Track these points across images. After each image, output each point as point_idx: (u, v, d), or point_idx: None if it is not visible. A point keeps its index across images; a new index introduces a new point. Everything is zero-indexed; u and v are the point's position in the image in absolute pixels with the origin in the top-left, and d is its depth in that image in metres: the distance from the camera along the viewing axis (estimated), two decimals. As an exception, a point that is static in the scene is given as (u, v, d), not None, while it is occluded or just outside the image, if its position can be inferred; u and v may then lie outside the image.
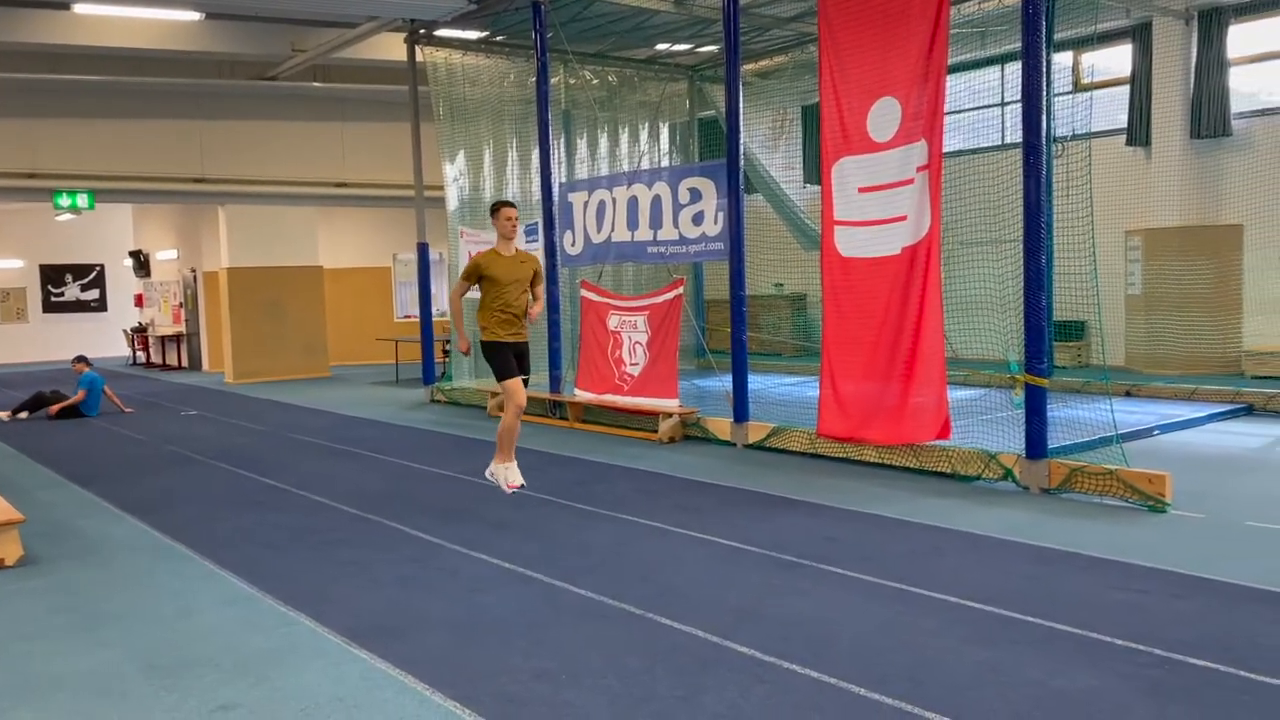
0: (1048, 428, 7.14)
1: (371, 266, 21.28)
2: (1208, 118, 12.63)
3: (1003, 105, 14.06)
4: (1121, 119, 13.58)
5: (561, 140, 14.68)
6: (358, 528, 6.72)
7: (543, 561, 5.72)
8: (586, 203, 11.61)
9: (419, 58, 13.67)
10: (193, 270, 20.75)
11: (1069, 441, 7.70)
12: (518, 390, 7.30)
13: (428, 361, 14.36)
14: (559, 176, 12.31)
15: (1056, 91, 12.11)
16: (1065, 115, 12.43)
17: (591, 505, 7.16)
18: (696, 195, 10.14)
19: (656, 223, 10.62)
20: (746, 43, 13.34)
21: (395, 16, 12.78)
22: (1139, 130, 13.32)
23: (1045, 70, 7.16)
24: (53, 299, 26.02)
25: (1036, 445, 7.12)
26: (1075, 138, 10.84)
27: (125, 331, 24.49)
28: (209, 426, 12.22)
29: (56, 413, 13.14)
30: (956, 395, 8.90)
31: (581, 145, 15.49)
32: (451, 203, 14.09)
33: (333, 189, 18.10)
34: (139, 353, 23.55)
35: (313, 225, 18.93)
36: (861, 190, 8.13)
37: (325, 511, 7.25)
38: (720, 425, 9.67)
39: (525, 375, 7.49)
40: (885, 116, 7.92)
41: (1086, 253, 8.03)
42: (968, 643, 4.28)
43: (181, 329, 21.57)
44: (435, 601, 5.08)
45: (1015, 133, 12.22)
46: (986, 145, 13.36)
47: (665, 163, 16.02)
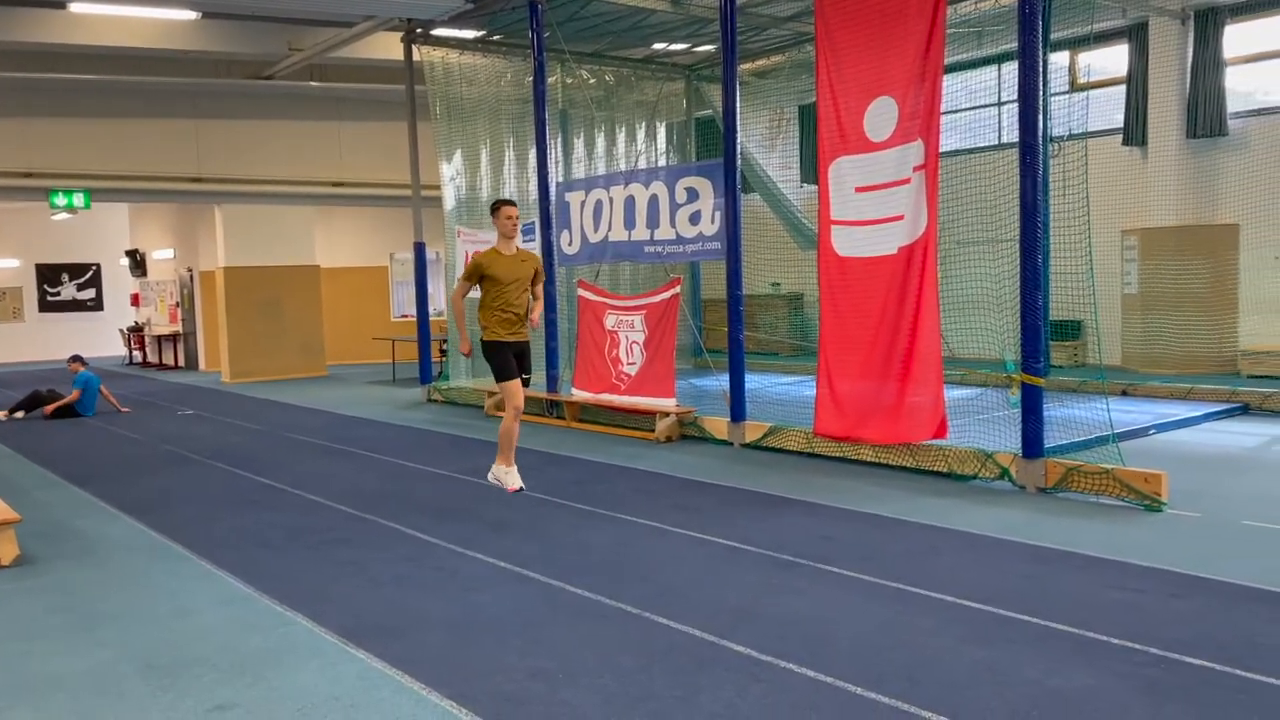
0: (1044, 427, 7.16)
1: (368, 266, 21.26)
2: (1204, 117, 12.64)
3: (999, 105, 14.07)
4: (1118, 119, 13.60)
5: (558, 140, 14.68)
6: (354, 527, 6.72)
7: (540, 561, 5.72)
8: (583, 202, 11.61)
9: (416, 57, 13.66)
10: (189, 270, 20.73)
11: (1065, 441, 7.70)
12: (516, 392, 7.28)
13: (424, 361, 14.35)
14: (556, 176, 12.31)
15: (1053, 91, 12.13)
16: (1062, 115, 12.46)
17: (588, 505, 7.16)
18: (693, 195, 10.15)
19: (653, 222, 10.63)
20: (743, 42, 13.34)
21: (392, 15, 12.77)
22: (1135, 130, 13.34)
23: (1042, 70, 7.16)
24: (49, 298, 25.96)
25: (1033, 444, 7.13)
26: (1072, 137, 10.84)
27: (121, 331, 24.46)
28: (206, 426, 12.21)
29: (52, 412, 13.12)
30: (953, 394, 8.92)
31: (578, 145, 15.49)
32: (448, 202, 14.09)
33: (329, 188, 18.07)
34: (135, 352, 23.52)
35: (310, 225, 18.92)
36: (858, 190, 8.14)
37: (322, 511, 7.25)
38: (717, 425, 9.68)
39: (526, 375, 7.48)
40: (882, 116, 7.92)
41: (1083, 252, 8.04)
42: (965, 642, 4.28)
43: (178, 328, 21.54)
44: (432, 601, 5.08)
45: (1012, 132, 12.24)
46: (983, 145, 13.38)
47: (662, 162, 16.03)
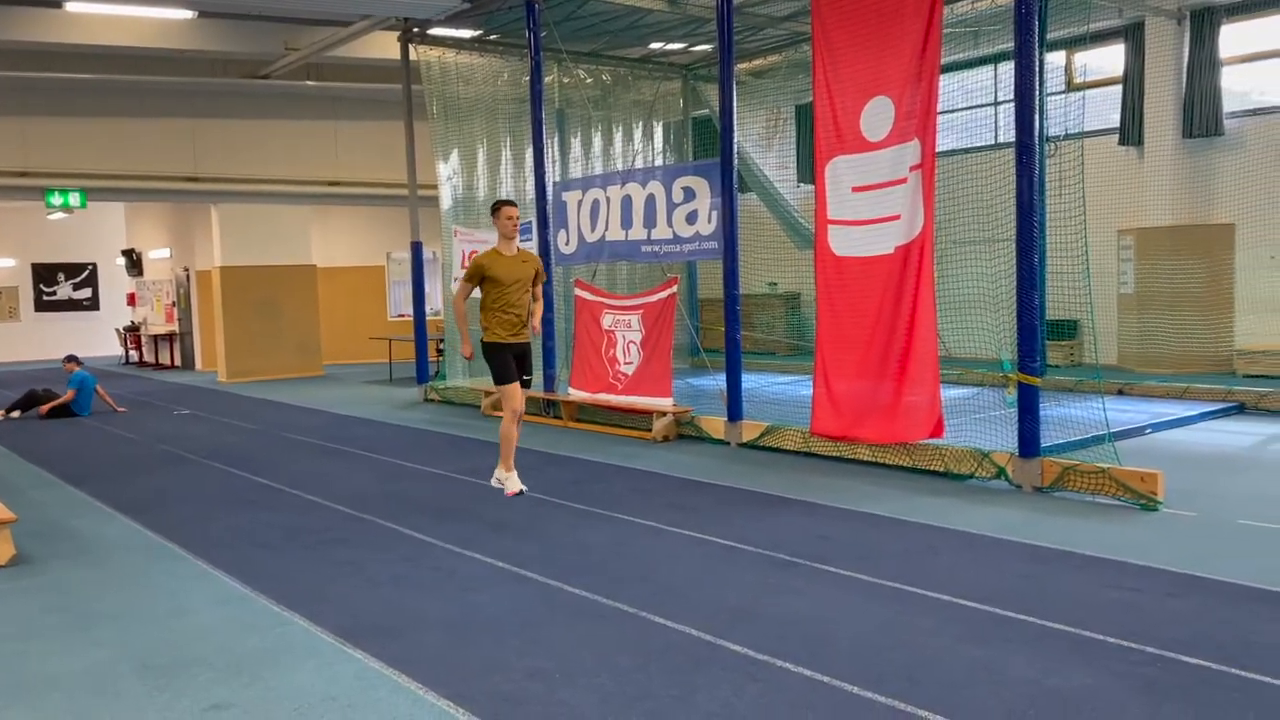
0: (1040, 426, 7.16)
1: (365, 265, 21.25)
2: (1200, 117, 12.67)
3: (996, 105, 14.08)
4: (1114, 118, 13.62)
5: (555, 139, 14.67)
6: (352, 527, 6.71)
7: (537, 561, 5.72)
8: (580, 202, 11.61)
9: (413, 56, 13.66)
10: (185, 269, 20.70)
11: (1061, 440, 7.71)
12: (515, 395, 7.27)
13: (421, 360, 14.35)
14: (553, 175, 12.30)
15: (1049, 91, 12.14)
16: (1058, 115, 12.48)
17: (586, 504, 7.15)
18: (690, 194, 10.15)
19: (650, 222, 10.63)
20: (740, 42, 13.35)
21: (389, 15, 12.76)
22: (1131, 130, 13.36)
23: (1038, 70, 7.16)
24: (45, 298, 25.93)
25: (1029, 444, 7.14)
26: (1068, 137, 10.87)
27: (118, 331, 24.42)
28: (202, 426, 12.19)
29: (47, 412, 13.10)
30: (949, 394, 8.92)
31: (575, 144, 15.49)
32: (445, 201, 14.08)
33: (326, 188, 18.06)
34: (132, 352, 23.49)
35: (306, 224, 18.90)
36: (855, 189, 8.14)
37: (319, 511, 7.24)
38: (714, 424, 9.68)
39: (527, 376, 7.46)
40: (878, 116, 7.92)
41: (1079, 252, 8.05)
42: (962, 641, 4.29)
43: (174, 328, 21.52)
44: (429, 601, 5.07)
45: (1008, 132, 12.23)
46: (980, 145, 13.39)
47: (659, 162, 16.02)
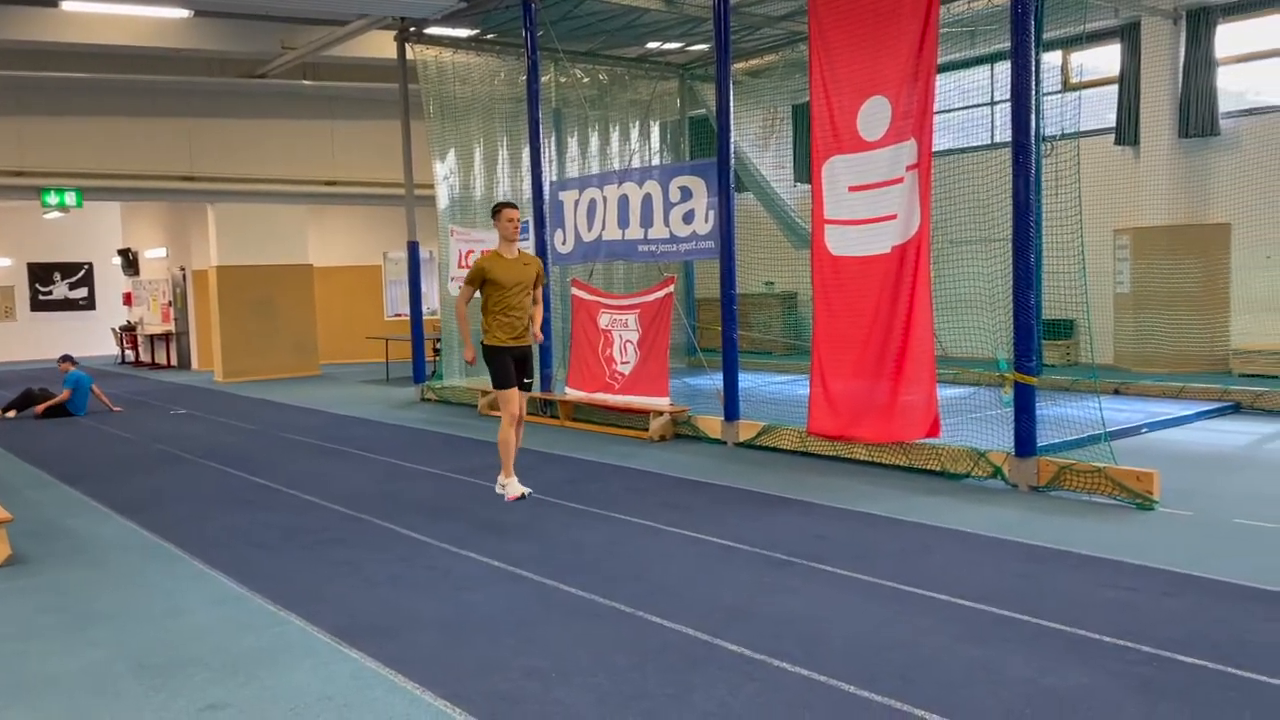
0: (1036, 426, 7.16)
1: (362, 265, 21.22)
2: (1196, 117, 12.69)
3: (992, 104, 14.09)
4: (1110, 118, 13.64)
5: (552, 138, 14.67)
6: (348, 527, 6.70)
7: (533, 560, 5.72)
8: (577, 201, 11.61)
9: (409, 56, 13.65)
10: (182, 269, 20.68)
11: (1058, 439, 7.71)
12: (512, 399, 7.24)
13: (418, 360, 14.34)
14: (549, 175, 12.30)
15: (1045, 91, 12.14)
16: (1054, 114, 12.45)
17: (582, 504, 7.15)
18: (687, 194, 10.15)
19: (647, 221, 10.63)
20: (737, 41, 13.36)
21: (385, 14, 12.76)
22: (1127, 129, 13.38)
23: (1034, 70, 7.17)
24: (41, 297, 25.89)
25: (1025, 443, 7.14)
26: (1064, 137, 10.86)
27: (114, 330, 24.38)
28: (198, 425, 12.18)
29: (43, 411, 13.08)
30: (946, 393, 8.92)
31: (572, 144, 15.49)
32: (442, 201, 14.07)
33: (323, 187, 18.04)
34: (128, 351, 23.46)
35: (303, 224, 18.87)
36: (851, 189, 8.15)
37: (315, 510, 7.24)
38: (711, 423, 9.68)
39: (527, 380, 7.43)
40: (875, 115, 7.93)
41: (1075, 251, 8.05)
42: (958, 640, 4.29)
43: (171, 328, 21.49)
44: (426, 600, 5.07)
45: (1004, 132, 12.23)
46: (976, 144, 13.39)
47: (656, 161, 16.02)
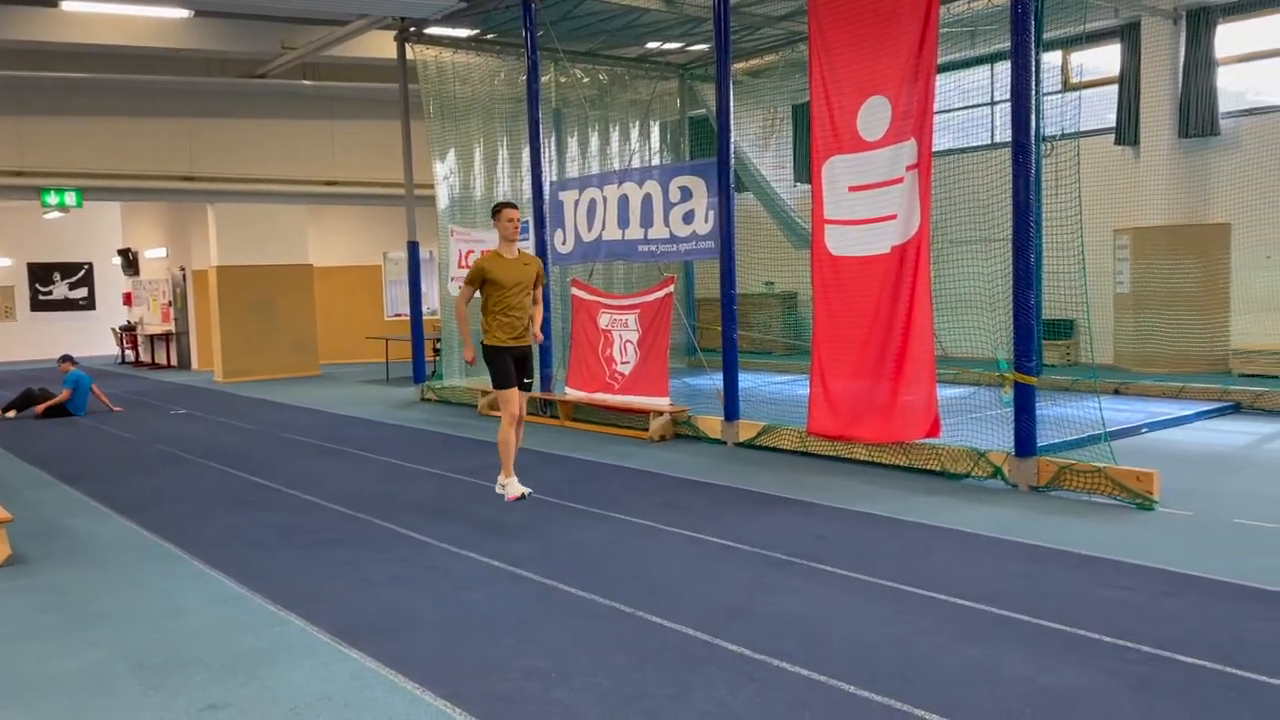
0: (1036, 426, 7.16)
1: (362, 265, 21.22)
2: (1196, 117, 12.68)
3: (992, 104, 14.09)
4: (1110, 118, 13.64)
5: (552, 138, 14.67)
6: (348, 527, 6.71)
7: (533, 560, 5.72)
8: (577, 201, 11.61)
9: (409, 56, 13.65)
10: (182, 269, 20.68)
11: (1058, 439, 7.71)
12: (513, 400, 7.23)
13: (418, 360, 14.34)
14: (549, 175, 12.30)
15: (1045, 91, 12.13)
16: (1054, 114, 12.45)
17: (582, 504, 7.15)
18: (687, 194, 10.15)
19: (647, 221, 10.63)
20: (737, 41, 13.36)
21: (385, 14, 12.76)
22: (1127, 129, 13.38)
23: (1034, 69, 7.17)
24: (41, 297, 25.89)
25: (1025, 443, 7.14)
26: (1064, 137, 10.86)
27: (114, 330, 24.39)
28: (198, 425, 12.18)
29: (43, 411, 13.08)
30: (946, 393, 8.92)
31: (572, 144, 15.48)
32: (442, 201, 14.07)
33: (323, 187, 18.03)
34: (128, 351, 23.46)
35: (303, 224, 18.88)
36: (851, 189, 8.15)
37: (315, 510, 7.24)
38: (711, 423, 9.68)
39: (527, 380, 7.42)
40: (875, 115, 7.93)
41: (1075, 251, 8.05)
42: (957, 640, 4.29)
43: (171, 328, 21.49)
44: (426, 600, 5.07)
45: (1005, 132, 12.24)
46: (976, 144, 13.39)
47: (656, 161, 16.02)
